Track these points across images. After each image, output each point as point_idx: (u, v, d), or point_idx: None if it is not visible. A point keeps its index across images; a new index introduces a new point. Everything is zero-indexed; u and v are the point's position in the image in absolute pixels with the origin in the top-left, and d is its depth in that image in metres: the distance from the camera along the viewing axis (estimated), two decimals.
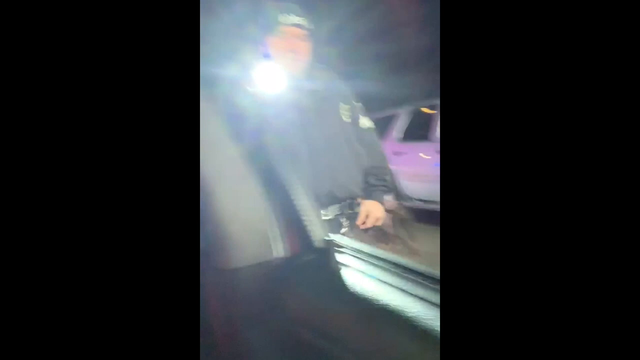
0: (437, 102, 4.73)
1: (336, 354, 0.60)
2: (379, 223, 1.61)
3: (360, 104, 1.67)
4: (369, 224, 1.58)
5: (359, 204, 1.57)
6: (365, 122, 1.67)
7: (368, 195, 1.63)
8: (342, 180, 1.50)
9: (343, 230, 1.49)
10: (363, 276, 0.63)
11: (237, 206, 0.66)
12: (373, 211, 1.60)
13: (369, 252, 0.68)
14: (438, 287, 0.53)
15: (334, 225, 1.47)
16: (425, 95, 5.13)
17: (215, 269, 0.66)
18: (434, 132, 4.75)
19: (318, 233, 0.69)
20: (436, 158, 4.53)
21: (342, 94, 1.62)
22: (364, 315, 0.58)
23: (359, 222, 1.59)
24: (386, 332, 0.55)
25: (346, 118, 1.57)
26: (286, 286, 0.67)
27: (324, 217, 1.36)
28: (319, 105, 1.52)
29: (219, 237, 0.66)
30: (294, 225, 0.69)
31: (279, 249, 0.68)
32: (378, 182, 1.64)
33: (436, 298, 0.53)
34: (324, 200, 1.46)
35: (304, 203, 0.69)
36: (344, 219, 1.51)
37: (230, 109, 1.13)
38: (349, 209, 1.54)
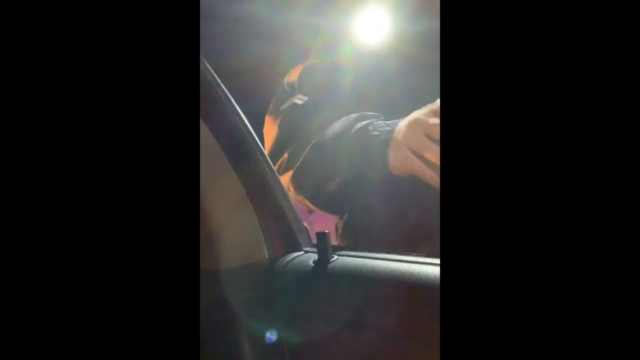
0: None
1: (331, 354, 0.58)
2: None
3: None
4: None
5: None
6: None
7: None
8: None
9: None
10: (357, 271, 0.61)
11: (226, 207, 0.66)
12: None
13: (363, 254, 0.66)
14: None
15: None
16: None
17: (202, 270, 0.65)
18: None
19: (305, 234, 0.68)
20: None
21: None
22: (360, 312, 0.57)
23: None
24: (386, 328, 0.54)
25: None
26: (276, 287, 0.65)
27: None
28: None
29: (207, 238, 0.65)
30: (282, 226, 0.68)
31: (268, 250, 0.68)
32: None
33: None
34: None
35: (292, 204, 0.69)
36: None
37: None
38: None
